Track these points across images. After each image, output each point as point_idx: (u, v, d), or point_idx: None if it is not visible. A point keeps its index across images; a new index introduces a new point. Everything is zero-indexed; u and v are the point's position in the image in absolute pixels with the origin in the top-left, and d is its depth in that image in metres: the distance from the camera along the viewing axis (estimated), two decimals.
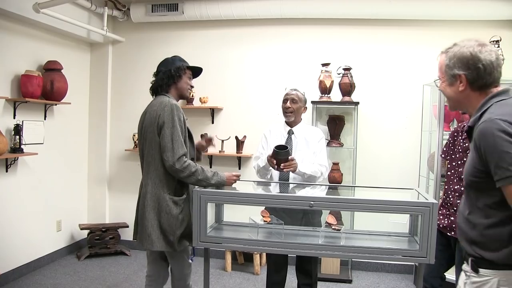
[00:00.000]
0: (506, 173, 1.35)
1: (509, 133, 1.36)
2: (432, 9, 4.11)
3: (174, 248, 2.48)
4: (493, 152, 1.38)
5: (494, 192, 1.42)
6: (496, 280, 1.45)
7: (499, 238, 1.44)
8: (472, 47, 1.55)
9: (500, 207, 1.43)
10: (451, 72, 1.57)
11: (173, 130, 2.42)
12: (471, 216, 1.53)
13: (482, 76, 1.52)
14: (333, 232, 2.59)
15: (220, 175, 2.56)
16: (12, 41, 3.88)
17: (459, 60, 1.55)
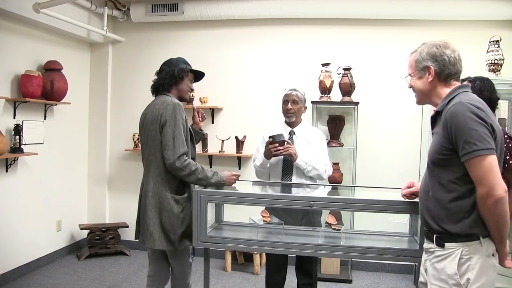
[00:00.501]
0: (473, 147, 1.54)
1: (477, 114, 1.56)
2: (432, 9, 4.10)
3: (175, 247, 2.48)
4: (463, 129, 1.56)
5: (456, 168, 1.61)
6: (459, 251, 1.61)
7: (461, 210, 1.61)
8: (438, 44, 1.78)
9: (461, 181, 1.61)
10: (421, 66, 1.79)
11: (175, 128, 2.42)
12: (434, 192, 1.70)
13: (447, 67, 1.74)
14: (333, 232, 2.59)
15: (220, 174, 2.57)
16: (12, 41, 3.88)
17: (428, 54, 1.77)
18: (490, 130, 1.57)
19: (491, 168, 1.53)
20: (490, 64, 3.61)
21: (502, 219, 1.55)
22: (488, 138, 1.55)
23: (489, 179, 1.52)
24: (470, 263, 1.59)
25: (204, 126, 4.80)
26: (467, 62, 4.32)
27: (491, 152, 1.54)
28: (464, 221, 1.61)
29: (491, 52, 3.61)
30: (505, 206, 1.53)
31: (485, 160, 1.53)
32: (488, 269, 1.60)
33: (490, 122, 1.57)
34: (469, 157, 1.55)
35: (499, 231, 1.59)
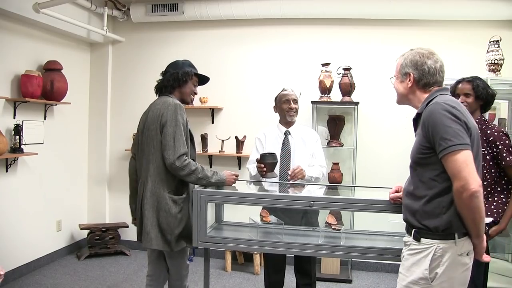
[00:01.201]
0: (449, 143, 1.61)
1: (451, 112, 1.65)
2: (432, 9, 4.11)
3: (171, 247, 2.48)
4: (438, 127, 1.65)
5: (436, 166, 1.69)
6: (433, 248, 1.69)
7: (439, 205, 1.69)
8: (422, 53, 1.86)
9: (441, 179, 1.68)
10: (403, 70, 1.89)
11: (176, 128, 2.43)
12: (416, 190, 1.78)
13: (426, 76, 1.84)
14: (333, 232, 2.59)
15: (220, 174, 2.57)
16: (12, 41, 3.88)
17: (411, 61, 1.87)
18: (464, 127, 1.64)
19: (466, 162, 1.59)
20: (490, 64, 3.61)
21: (478, 213, 1.61)
22: (462, 134, 1.62)
23: (464, 173, 1.58)
24: (441, 260, 1.67)
25: (204, 126, 4.83)
26: (467, 62, 4.37)
27: (466, 147, 1.61)
28: (442, 216, 1.68)
29: (491, 52, 3.62)
30: (480, 199, 1.58)
31: (459, 154, 1.60)
32: (457, 266, 1.68)
33: (464, 119, 1.66)
34: (445, 152, 1.62)
35: (475, 225, 1.65)
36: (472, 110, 2.66)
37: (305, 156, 3.02)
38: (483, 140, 2.58)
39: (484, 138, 2.58)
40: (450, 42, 4.29)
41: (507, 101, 3.93)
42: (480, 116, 2.67)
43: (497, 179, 2.58)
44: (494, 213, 2.54)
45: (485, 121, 2.66)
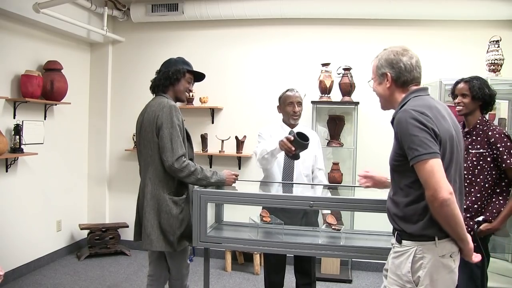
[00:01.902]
0: (415, 153, 1.60)
1: (418, 120, 1.63)
2: (432, 9, 4.11)
3: (174, 248, 2.48)
4: (406, 136, 1.64)
5: (410, 173, 1.67)
6: (413, 250, 1.69)
7: (415, 213, 1.70)
8: (396, 51, 1.82)
9: (416, 186, 1.68)
10: (380, 72, 1.86)
11: (172, 130, 2.42)
12: (395, 196, 1.80)
13: (403, 74, 1.80)
14: (333, 232, 2.59)
15: (219, 174, 2.57)
16: (12, 41, 3.88)
17: (386, 61, 1.83)
18: (432, 135, 1.62)
19: (433, 171, 1.58)
20: (490, 64, 3.61)
21: (451, 220, 1.60)
22: (429, 143, 1.60)
23: (432, 182, 1.58)
24: (422, 262, 1.67)
25: (204, 126, 4.83)
26: (467, 62, 4.36)
27: (432, 156, 1.59)
28: (418, 223, 1.69)
29: (491, 52, 3.61)
30: (451, 207, 1.57)
31: (426, 164, 1.59)
32: (439, 268, 1.67)
33: (431, 126, 1.63)
34: (413, 162, 1.62)
35: (453, 230, 1.64)
36: (469, 110, 2.66)
37: (308, 157, 3.02)
38: (484, 141, 2.57)
39: (485, 139, 2.57)
40: (450, 42, 4.30)
41: (507, 101, 3.93)
42: (481, 117, 2.66)
43: (497, 180, 2.58)
44: (490, 214, 2.53)
45: (486, 122, 2.64)
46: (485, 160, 2.56)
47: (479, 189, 2.57)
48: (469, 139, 2.65)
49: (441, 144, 1.65)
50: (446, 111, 1.80)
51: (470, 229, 2.55)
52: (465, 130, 2.69)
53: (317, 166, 3.10)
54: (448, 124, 1.72)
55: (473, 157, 2.60)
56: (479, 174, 2.58)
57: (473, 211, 2.57)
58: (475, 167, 2.59)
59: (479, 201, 2.57)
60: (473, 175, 2.60)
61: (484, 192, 2.57)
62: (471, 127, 2.65)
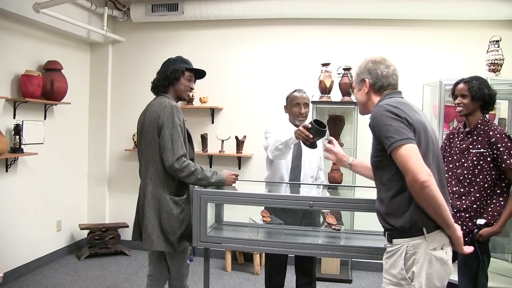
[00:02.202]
0: (391, 140, 1.68)
1: (391, 111, 1.74)
2: (432, 9, 4.11)
3: (174, 248, 2.48)
4: (381, 127, 1.73)
5: (391, 166, 1.75)
6: (405, 247, 1.73)
7: (401, 204, 1.75)
8: (374, 60, 1.98)
9: (396, 177, 1.74)
10: (359, 78, 2.00)
11: (173, 130, 2.42)
12: (380, 194, 1.87)
13: (380, 79, 1.94)
14: (333, 232, 2.59)
15: (219, 174, 2.57)
16: (12, 41, 3.88)
17: (365, 68, 1.98)
18: (406, 123, 1.71)
19: (410, 155, 1.65)
20: (490, 64, 3.60)
21: (435, 202, 1.64)
22: (403, 130, 1.69)
23: (410, 166, 1.64)
24: (415, 257, 1.72)
25: (204, 126, 4.83)
26: (467, 62, 4.36)
27: (407, 141, 1.67)
28: (405, 214, 1.74)
29: (491, 52, 3.61)
30: (432, 189, 1.62)
31: (402, 148, 1.66)
32: (433, 261, 1.71)
33: (405, 116, 1.73)
34: (390, 149, 1.69)
35: (438, 215, 1.68)
36: (469, 111, 2.65)
37: (314, 158, 3.02)
38: (484, 141, 2.57)
39: (486, 139, 2.57)
40: (450, 42, 4.30)
41: (507, 101, 3.93)
42: (482, 117, 2.66)
43: (497, 181, 2.57)
44: (490, 215, 2.53)
45: (487, 122, 2.64)
46: (485, 160, 2.56)
47: (479, 189, 2.57)
48: (469, 139, 2.65)
49: (416, 133, 1.73)
50: (418, 109, 1.89)
51: (468, 230, 2.55)
52: (466, 130, 2.69)
53: (320, 166, 3.11)
54: (421, 116, 1.83)
55: (473, 157, 2.59)
56: (479, 174, 2.57)
57: (472, 211, 2.56)
58: (475, 166, 2.59)
59: (478, 201, 2.56)
60: (473, 175, 2.59)
61: (483, 192, 2.56)
62: (472, 127, 2.65)
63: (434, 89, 3.88)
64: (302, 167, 2.97)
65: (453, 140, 2.78)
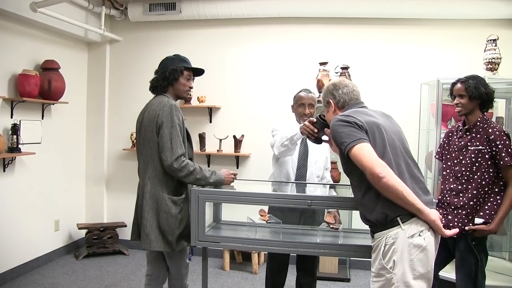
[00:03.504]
0: (344, 144, 1.82)
1: (341, 119, 1.90)
2: (430, 8, 4.11)
3: (173, 248, 2.48)
4: (335, 136, 1.89)
5: (355, 170, 1.86)
6: (383, 239, 1.83)
7: (371, 200, 1.86)
8: (333, 83, 2.18)
9: (363, 178, 1.83)
10: (325, 101, 2.19)
11: (172, 130, 2.42)
12: (355, 195, 2.02)
13: (342, 97, 2.13)
14: (331, 231, 2.59)
15: (218, 174, 2.57)
16: (9, 40, 3.87)
17: (327, 91, 2.18)
18: (355, 127, 1.85)
19: (363, 152, 1.77)
20: (487, 63, 3.61)
21: (395, 189, 1.74)
22: (353, 133, 1.83)
23: (365, 162, 1.75)
24: (394, 247, 1.79)
25: (202, 125, 4.82)
26: (464, 61, 4.36)
27: (358, 141, 1.80)
28: (376, 209, 1.84)
29: (488, 51, 3.62)
30: (388, 178, 1.72)
31: (354, 149, 1.79)
32: (412, 249, 1.78)
33: (354, 121, 1.87)
34: (345, 153, 1.83)
35: (405, 202, 1.76)
36: (468, 110, 2.66)
37: (321, 158, 3.02)
38: (483, 138, 2.58)
39: (484, 136, 2.58)
40: (447, 41, 4.30)
41: (505, 100, 3.94)
42: (482, 116, 2.67)
43: (495, 179, 2.57)
44: (487, 214, 2.54)
45: (486, 120, 2.65)
46: (483, 157, 2.56)
47: (476, 186, 2.57)
48: (468, 136, 2.66)
49: (369, 133, 1.86)
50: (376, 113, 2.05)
51: (464, 227, 2.56)
52: (465, 128, 2.70)
53: (326, 166, 3.11)
54: (373, 117, 1.97)
55: (471, 154, 2.60)
56: (477, 171, 2.58)
57: (469, 208, 2.57)
58: (473, 164, 2.59)
59: (475, 198, 2.57)
60: (470, 172, 2.60)
61: (480, 190, 2.57)
62: (471, 125, 2.66)
63: (431, 88, 3.88)
64: (308, 166, 2.97)
65: (452, 138, 2.80)
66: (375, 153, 1.78)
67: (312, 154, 2.99)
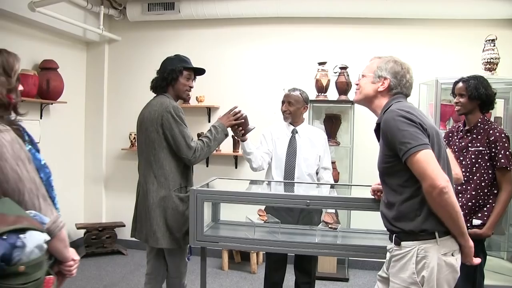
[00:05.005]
0: (408, 146, 1.64)
1: (405, 116, 1.69)
2: (428, 8, 4.11)
3: (180, 244, 2.52)
4: (396, 133, 1.68)
5: (402, 173, 1.71)
6: (415, 249, 1.68)
7: (412, 209, 1.70)
8: (402, 65, 1.92)
9: (409, 183, 1.70)
10: (379, 73, 1.90)
11: (181, 127, 2.47)
12: (388, 199, 1.81)
13: (401, 86, 1.89)
14: (330, 230, 2.59)
15: (218, 129, 2.67)
16: (7, 40, 3.85)
17: (391, 69, 1.90)
18: (421, 129, 1.68)
19: (428, 161, 1.61)
20: (486, 63, 3.62)
21: (452, 209, 1.61)
22: (419, 135, 1.65)
23: (429, 172, 1.60)
24: (425, 261, 1.66)
25: (200, 125, 4.82)
26: (463, 61, 4.36)
27: (425, 147, 1.63)
28: (416, 219, 1.69)
29: (487, 51, 3.63)
30: (449, 195, 1.59)
31: (419, 154, 1.62)
32: (443, 267, 1.66)
33: (419, 121, 1.69)
34: (406, 156, 1.64)
35: (454, 223, 1.64)
36: (467, 110, 2.66)
37: (311, 156, 3.03)
38: (484, 139, 2.58)
39: (485, 137, 2.58)
40: (446, 41, 4.30)
41: (503, 100, 3.95)
42: (482, 117, 2.67)
43: (494, 181, 2.57)
44: (485, 215, 2.54)
45: (487, 121, 2.65)
46: (483, 158, 2.57)
47: (475, 187, 2.58)
48: (469, 137, 2.66)
49: (430, 138, 1.70)
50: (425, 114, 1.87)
51: None
52: (465, 129, 2.70)
53: (322, 165, 3.11)
54: (431, 121, 1.82)
55: (472, 155, 2.60)
56: (476, 172, 2.58)
57: (467, 209, 2.57)
58: (473, 165, 2.60)
59: (474, 199, 2.57)
60: (470, 173, 2.60)
61: (480, 191, 2.57)
62: (472, 126, 2.66)
63: (430, 88, 3.89)
64: (296, 165, 2.98)
65: (452, 138, 2.80)
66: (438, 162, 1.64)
67: (301, 152, 3.01)
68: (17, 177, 1.32)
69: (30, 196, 1.35)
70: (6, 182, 1.30)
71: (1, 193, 1.31)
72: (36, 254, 1.22)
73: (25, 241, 1.19)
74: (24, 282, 1.18)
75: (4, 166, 1.30)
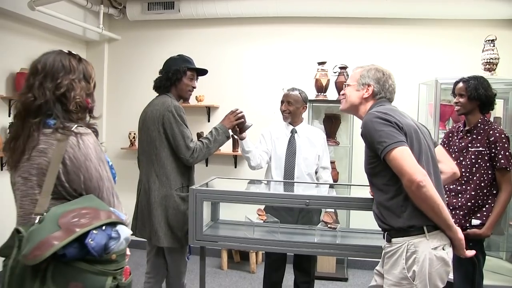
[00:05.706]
0: (384, 144, 1.70)
1: (381, 117, 1.77)
2: (428, 8, 4.11)
3: (181, 243, 2.53)
4: (373, 133, 1.75)
5: (384, 172, 1.78)
6: (405, 245, 1.73)
7: (398, 206, 1.76)
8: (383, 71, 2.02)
9: (392, 182, 1.76)
10: (363, 81, 2.00)
11: (181, 127, 2.48)
12: (376, 197, 1.89)
13: (384, 92, 1.99)
14: (329, 230, 2.60)
15: (219, 131, 2.63)
16: (7, 38, 3.85)
17: (373, 75, 1.99)
18: (396, 128, 1.75)
19: (404, 157, 1.67)
20: (485, 63, 3.62)
21: (432, 202, 1.65)
22: (395, 134, 1.72)
23: (405, 167, 1.65)
24: (416, 256, 1.71)
25: (200, 125, 4.82)
26: (462, 61, 4.36)
27: (400, 144, 1.69)
28: (403, 215, 1.75)
29: (486, 51, 3.62)
30: (428, 188, 1.63)
31: (394, 151, 1.68)
32: (434, 261, 1.71)
33: (395, 121, 1.76)
34: (383, 154, 1.71)
35: (437, 215, 1.68)
36: (467, 110, 2.66)
37: (310, 156, 3.04)
38: (484, 140, 2.58)
39: (485, 138, 2.58)
40: (446, 41, 4.31)
41: (502, 100, 3.95)
42: (482, 117, 2.67)
43: (493, 181, 2.58)
44: (484, 215, 2.55)
45: (488, 122, 2.66)
46: (483, 158, 2.57)
47: (475, 187, 2.58)
48: (469, 137, 2.66)
49: (407, 136, 1.76)
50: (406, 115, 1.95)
51: (462, 228, 2.56)
52: (465, 129, 2.70)
53: (321, 165, 3.12)
54: (410, 120, 1.88)
55: (471, 155, 2.60)
56: (476, 172, 2.58)
57: (467, 209, 2.58)
58: (473, 165, 2.60)
59: (473, 199, 2.57)
60: (470, 173, 2.60)
61: (479, 191, 2.57)
62: (472, 126, 2.66)
63: (430, 88, 3.89)
64: (296, 164, 2.99)
65: (452, 138, 2.80)
66: (415, 159, 1.70)
67: (301, 151, 3.02)
68: (98, 176, 1.49)
69: (107, 194, 1.51)
70: (89, 180, 1.47)
71: (84, 190, 1.47)
72: (124, 245, 1.45)
73: (119, 233, 1.40)
74: (115, 269, 1.42)
75: (89, 166, 1.47)
